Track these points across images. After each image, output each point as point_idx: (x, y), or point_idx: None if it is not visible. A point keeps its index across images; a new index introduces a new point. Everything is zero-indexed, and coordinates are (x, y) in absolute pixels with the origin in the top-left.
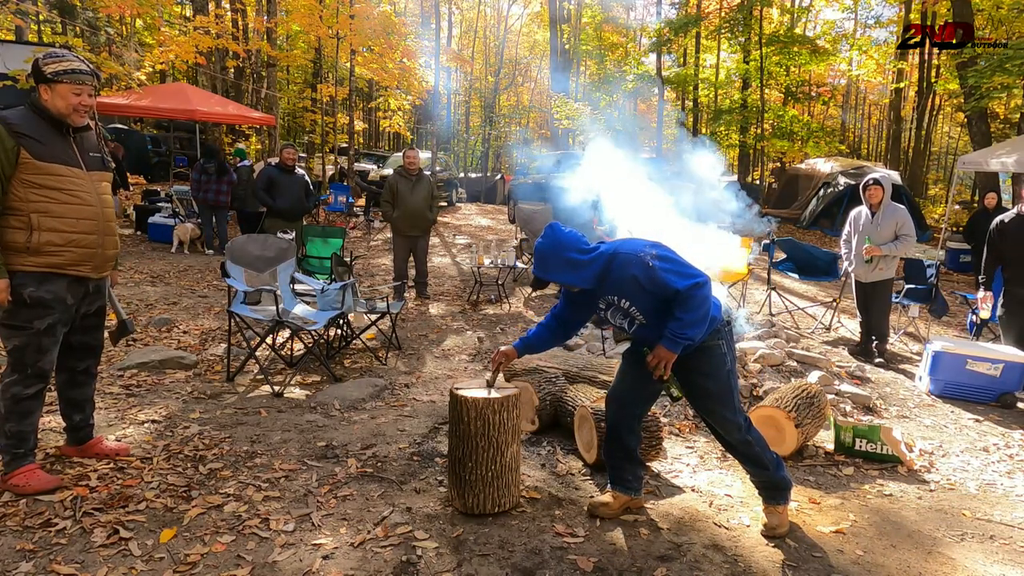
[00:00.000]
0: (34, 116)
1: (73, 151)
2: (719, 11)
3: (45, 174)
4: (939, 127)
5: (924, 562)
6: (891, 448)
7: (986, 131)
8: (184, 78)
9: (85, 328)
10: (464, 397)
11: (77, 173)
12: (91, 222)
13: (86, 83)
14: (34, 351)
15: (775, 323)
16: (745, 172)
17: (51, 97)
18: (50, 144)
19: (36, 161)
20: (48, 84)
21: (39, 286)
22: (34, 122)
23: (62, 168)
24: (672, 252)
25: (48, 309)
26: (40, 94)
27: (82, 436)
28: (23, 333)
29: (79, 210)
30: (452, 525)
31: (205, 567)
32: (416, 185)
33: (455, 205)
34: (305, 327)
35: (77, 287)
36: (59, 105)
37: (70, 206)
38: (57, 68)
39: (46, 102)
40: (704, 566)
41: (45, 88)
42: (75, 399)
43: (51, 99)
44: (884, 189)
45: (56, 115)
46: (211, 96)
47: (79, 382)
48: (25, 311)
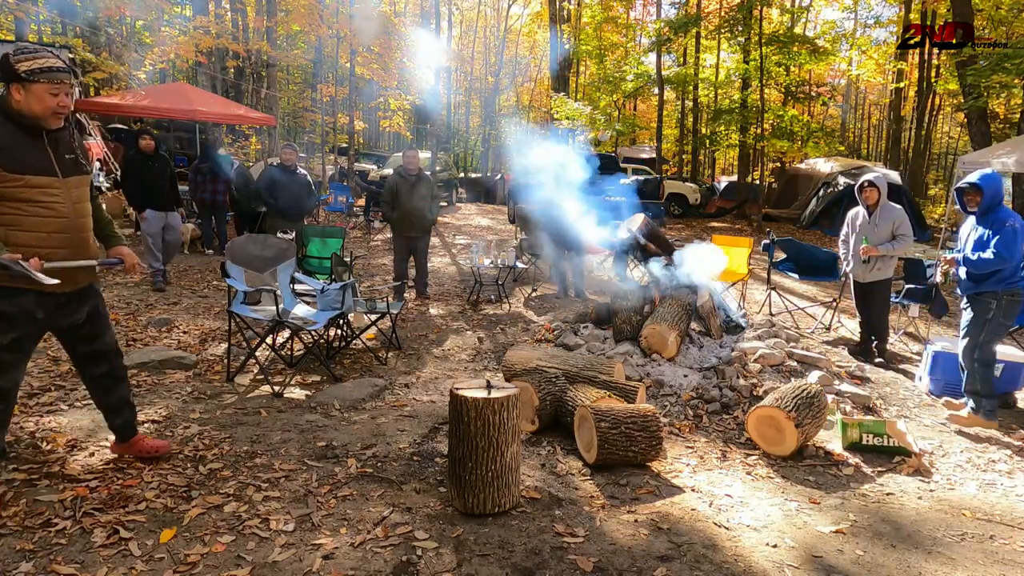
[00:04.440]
0: (2, 120)
1: (47, 157)
2: (719, 11)
3: (16, 186)
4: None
5: (924, 562)
6: (897, 440)
7: (986, 131)
8: (184, 78)
9: (83, 338)
10: (464, 397)
11: (51, 182)
12: (63, 235)
13: (64, 82)
14: None
15: (775, 323)
16: (745, 172)
17: (25, 98)
18: (21, 151)
19: (5, 172)
20: (22, 83)
21: (5, 300)
22: (3, 127)
23: (34, 179)
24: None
25: (12, 324)
26: (11, 95)
27: (126, 434)
28: None
29: (50, 223)
30: (452, 525)
31: (205, 567)
32: (416, 185)
33: (455, 205)
34: (305, 327)
35: (49, 300)
36: (35, 108)
37: (41, 219)
38: (32, 66)
39: (18, 103)
40: (704, 566)
41: (17, 88)
42: (108, 404)
43: (25, 100)
44: (880, 189)
45: (31, 118)
46: (211, 96)
47: (104, 387)
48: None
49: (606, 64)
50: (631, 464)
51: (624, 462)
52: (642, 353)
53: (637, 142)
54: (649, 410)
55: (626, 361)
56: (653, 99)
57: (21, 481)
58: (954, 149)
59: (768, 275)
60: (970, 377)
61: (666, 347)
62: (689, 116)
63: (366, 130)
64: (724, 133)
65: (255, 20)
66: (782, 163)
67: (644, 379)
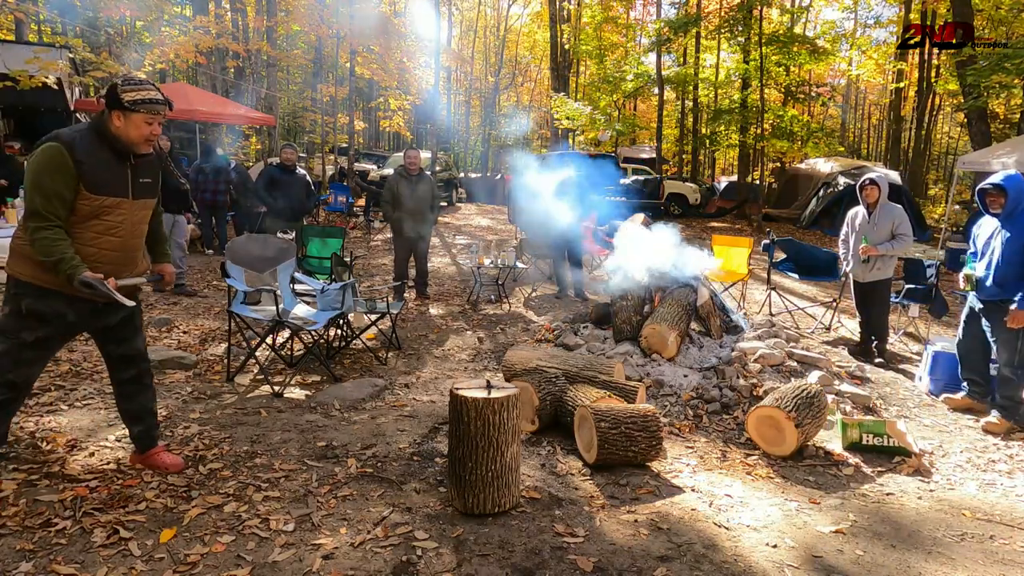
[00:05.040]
0: (97, 141)
1: (126, 179)
2: (719, 11)
3: (90, 204)
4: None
5: (924, 562)
6: (897, 440)
7: (986, 131)
8: (184, 78)
9: (114, 340)
10: (464, 397)
11: (121, 203)
12: (116, 253)
13: (160, 113)
14: (11, 360)
15: (775, 323)
16: (745, 172)
17: (124, 125)
18: (105, 173)
19: (86, 192)
20: (123, 111)
21: (39, 300)
22: (95, 149)
23: (109, 200)
24: None
25: (43, 323)
26: (111, 119)
27: (143, 445)
28: (7, 341)
29: (108, 240)
30: (452, 525)
31: (205, 567)
32: (417, 185)
33: (455, 205)
34: (305, 327)
35: (83, 305)
36: (131, 134)
37: (101, 236)
38: (136, 97)
39: (117, 129)
40: (704, 566)
41: (119, 115)
42: (130, 411)
43: (123, 127)
44: (880, 188)
45: (125, 143)
46: (211, 96)
47: (128, 393)
48: (17, 320)
49: (606, 64)
50: (631, 464)
51: (624, 462)
52: (642, 353)
53: (637, 142)
54: (649, 410)
55: (626, 361)
56: (653, 99)
57: (21, 481)
58: (954, 149)
59: (768, 275)
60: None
61: (666, 347)
62: (689, 116)
63: (366, 130)
64: (724, 133)
65: (255, 20)
66: (782, 163)
67: (644, 379)
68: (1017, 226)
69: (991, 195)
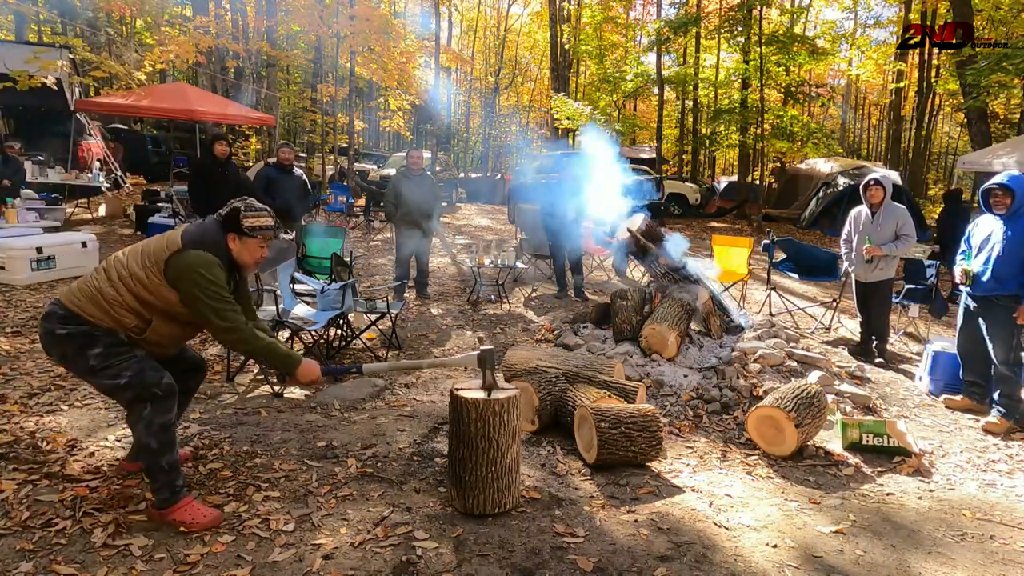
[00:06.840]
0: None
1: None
2: (719, 11)
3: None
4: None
5: (924, 562)
6: (897, 440)
7: (986, 131)
8: (184, 78)
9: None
10: (464, 398)
11: None
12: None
13: (269, 237)
14: (152, 370)
15: (775, 323)
16: (745, 172)
17: (239, 248)
18: None
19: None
20: (241, 236)
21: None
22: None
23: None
24: None
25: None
26: (228, 240)
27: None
28: (130, 362)
29: (186, 331)
30: (452, 525)
31: (205, 567)
32: (419, 185)
33: (455, 205)
34: (305, 327)
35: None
36: (245, 257)
37: (182, 328)
38: (255, 223)
39: (233, 251)
40: (704, 566)
41: (234, 237)
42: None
43: (239, 250)
44: (885, 189)
45: (238, 265)
46: (211, 96)
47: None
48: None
49: (606, 64)
50: (631, 464)
51: (624, 462)
52: (642, 353)
53: (637, 142)
54: (649, 410)
55: (626, 361)
56: (653, 99)
57: (21, 481)
58: (954, 149)
59: (768, 275)
60: (1007, 383)
61: (666, 347)
62: (689, 116)
63: (366, 130)
64: (724, 133)
65: (255, 20)
66: (782, 163)
67: (644, 379)
68: (1021, 225)
69: (996, 195)
